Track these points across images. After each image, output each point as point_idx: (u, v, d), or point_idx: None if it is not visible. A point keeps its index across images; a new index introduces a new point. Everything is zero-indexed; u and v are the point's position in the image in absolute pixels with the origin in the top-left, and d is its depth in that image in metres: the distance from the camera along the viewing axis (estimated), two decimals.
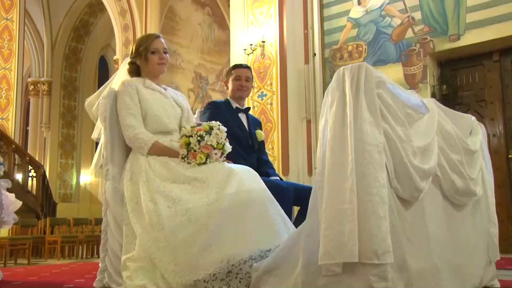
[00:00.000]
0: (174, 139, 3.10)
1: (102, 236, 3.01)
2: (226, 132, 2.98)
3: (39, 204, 12.70)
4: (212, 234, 2.60)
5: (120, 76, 3.40)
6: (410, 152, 2.22)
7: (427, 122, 2.48)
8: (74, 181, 18.01)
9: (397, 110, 2.20)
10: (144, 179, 2.88)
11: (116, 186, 3.01)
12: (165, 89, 3.32)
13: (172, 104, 3.24)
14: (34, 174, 13.04)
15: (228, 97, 3.96)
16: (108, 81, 3.47)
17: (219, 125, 2.98)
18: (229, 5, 9.47)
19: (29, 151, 16.41)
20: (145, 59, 3.24)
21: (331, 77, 8.06)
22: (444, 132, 2.60)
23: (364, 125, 2.09)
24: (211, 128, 2.94)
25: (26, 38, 16.79)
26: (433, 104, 2.59)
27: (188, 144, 2.91)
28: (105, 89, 3.25)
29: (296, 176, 7.73)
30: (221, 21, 15.16)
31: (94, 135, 3.41)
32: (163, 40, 3.30)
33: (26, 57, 16.41)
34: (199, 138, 2.89)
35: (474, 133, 2.98)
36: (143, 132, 3.03)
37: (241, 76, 3.91)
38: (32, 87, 17.68)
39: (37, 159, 15.54)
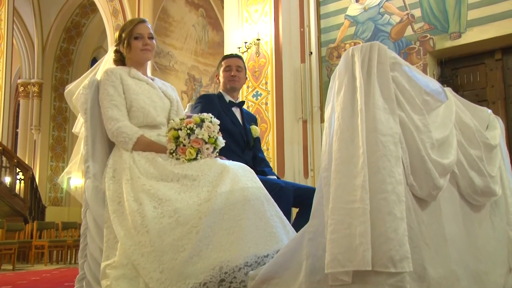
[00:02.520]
0: (161, 133, 2.82)
1: (81, 241, 2.72)
2: (218, 125, 2.71)
3: (27, 207, 12.41)
4: (202, 238, 2.32)
5: (105, 66, 3.13)
6: (428, 144, 1.94)
7: (444, 112, 2.21)
8: (65, 185, 17.63)
9: (414, 96, 1.93)
10: (128, 176, 2.60)
11: (97, 185, 2.72)
12: (152, 79, 3.05)
13: (160, 96, 2.97)
14: (22, 177, 12.76)
15: (220, 91, 3.69)
16: (91, 69, 3.19)
17: (211, 117, 2.70)
18: (223, 7, 9.29)
19: (19, 154, 16.13)
20: (128, 46, 2.97)
21: (328, 77, 7.86)
22: (462, 125, 2.33)
23: (377, 112, 1.82)
24: (202, 121, 2.65)
25: (17, 39, 16.61)
26: (449, 93, 2.33)
27: (176, 138, 2.63)
28: (87, 78, 2.96)
29: (292, 178, 7.48)
30: (215, 23, 14.98)
31: (75, 129, 3.14)
32: (149, 25, 3.02)
33: (16, 58, 16.18)
34: (188, 131, 2.61)
35: (491, 127, 2.72)
36: (127, 125, 2.75)
37: (232, 65, 3.64)
38: (22, 88, 17.40)
39: (26, 162, 15.27)
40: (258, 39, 8.00)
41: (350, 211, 1.78)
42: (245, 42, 8.09)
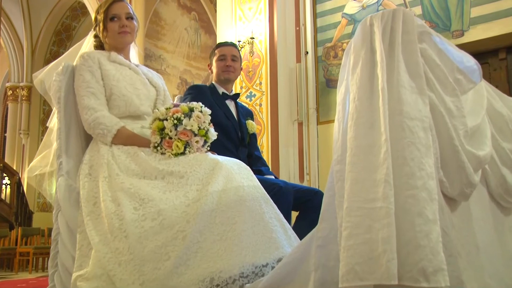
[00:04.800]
0: (146, 125, 2.49)
1: (51, 248, 2.38)
2: (210, 115, 2.37)
3: (13, 213, 12.02)
4: (190, 245, 1.98)
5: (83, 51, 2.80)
6: (461, 132, 1.61)
7: (474, 97, 1.88)
8: (53, 190, 17.22)
9: (446, 73, 1.61)
10: (105, 173, 2.26)
11: (71, 184, 2.38)
12: (136, 65, 2.72)
13: (145, 82, 2.64)
14: (9, 182, 12.39)
15: (213, 82, 3.35)
16: (64, 55, 2.86)
17: (201, 106, 2.36)
18: (216, 10, 9.05)
19: (6, 158, 15.76)
20: (105, 29, 2.65)
21: (324, 77, 7.54)
22: (493, 113, 2.00)
23: (402, 91, 1.49)
24: (191, 110, 2.32)
25: (5, 41, 16.28)
26: None
27: (161, 130, 2.29)
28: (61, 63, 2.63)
29: None
30: (207, 27, 14.73)
31: (50, 123, 2.80)
32: (128, 5, 2.69)
33: (4, 61, 15.81)
34: (175, 121, 2.27)
35: None
36: (106, 115, 2.42)
37: (226, 54, 3.30)
38: (10, 92, 17.01)
39: (14, 167, 14.90)
40: (252, 38, 7.72)
41: (370, 211, 1.45)
42: (239, 41, 7.79)
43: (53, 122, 2.75)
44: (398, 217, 1.42)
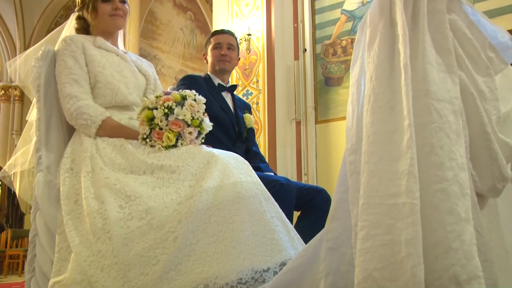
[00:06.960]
0: (134, 116, 2.27)
1: (28, 251, 2.16)
2: (204, 104, 2.16)
3: (4, 215, 11.81)
4: (182, 247, 1.77)
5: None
6: (494, 117, 1.41)
7: (501, 81, 1.67)
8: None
9: (479, 49, 1.40)
10: (88, 168, 2.04)
11: (51, 180, 2.17)
12: (125, 52, 2.51)
13: (133, 70, 2.42)
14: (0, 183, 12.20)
15: (208, 73, 3.14)
16: (43, 40, 2.65)
17: (195, 94, 2.15)
18: (212, 10, 8.92)
19: None
20: (94, 11, 2.43)
21: (323, 75, 7.32)
22: None
23: (428, 69, 1.28)
24: (184, 98, 2.10)
25: None
26: None
27: (151, 120, 2.08)
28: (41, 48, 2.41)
29: None
30: (203, 27, 14.64)
31: (29, 116, 2.58)
32: None
33: None
34: (166, 110, 2.06)
35: None
36: (90, 104, 2.21)
37: (222, 43, 3.09)
38: (2, 92, 16.79)
39: (6, 168, 14.65)
40: (249, 35, 7.55)
41: (391, 208, 1.24)
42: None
43: (33, 115, 2.53)
44: (425, 215, 1.21)
